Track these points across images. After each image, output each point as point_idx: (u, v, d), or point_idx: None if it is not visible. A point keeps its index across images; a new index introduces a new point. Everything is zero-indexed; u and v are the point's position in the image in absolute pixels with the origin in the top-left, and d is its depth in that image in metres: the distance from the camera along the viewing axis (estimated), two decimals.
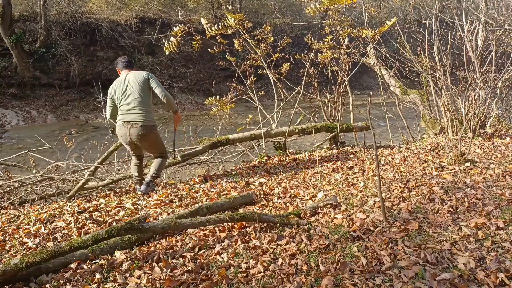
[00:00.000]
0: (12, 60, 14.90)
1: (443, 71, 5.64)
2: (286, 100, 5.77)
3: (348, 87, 5.78)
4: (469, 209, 2.70)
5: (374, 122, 9.01)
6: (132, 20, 17.62)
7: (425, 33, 5.82)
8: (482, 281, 1.84)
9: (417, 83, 6.76)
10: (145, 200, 3.52)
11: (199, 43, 4.96)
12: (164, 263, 2.12)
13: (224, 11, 5.85)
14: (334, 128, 5.55)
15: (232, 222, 2.55)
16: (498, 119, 6.50)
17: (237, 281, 1.92)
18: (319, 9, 4.46)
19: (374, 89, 17.97)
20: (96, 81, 10.05)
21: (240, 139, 5.16)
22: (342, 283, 1.85)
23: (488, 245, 2.17)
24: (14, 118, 13.86)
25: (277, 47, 5.44)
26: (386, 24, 4.90)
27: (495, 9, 6.65)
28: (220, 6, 19.30)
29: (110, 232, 2.20)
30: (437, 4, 6.17)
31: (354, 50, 5.76)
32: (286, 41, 5.52)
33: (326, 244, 2.24)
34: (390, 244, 2.22)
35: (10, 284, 1.97)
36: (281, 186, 3.60)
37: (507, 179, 3.35)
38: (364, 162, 4.35)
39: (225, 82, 15.13)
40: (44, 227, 2.97)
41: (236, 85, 5.87)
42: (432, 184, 3.25)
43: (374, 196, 3.01)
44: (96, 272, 2.07)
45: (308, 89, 5.89)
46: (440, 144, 5.06)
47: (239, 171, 4.50)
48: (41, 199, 4.28)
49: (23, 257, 1.99)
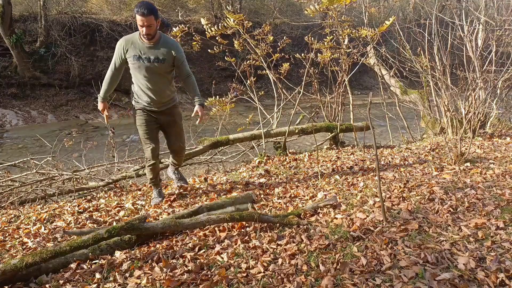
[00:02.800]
0: (12, 60, 14.90)
1: (443, 71, 5.64)
2: (286, 100, 5.77)
3: (348, 87, 5.78)
4: (469, 209, 2.70)
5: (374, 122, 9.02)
6: (132, 20, 17.58)
7: (425, 33, 5.82)
8: (482, 281, 1.84)
9: (417, 83, 6.76)
10: (145, 200, 3.52)
11: (199, 43, 4.96)
12: (164, 263, 2.12)
13: (224, 11, 5.85)
14: (334, 128, 5.55)
15: (232, 222, 2.55)
16: (498, 119, 6.50)
17: (237, 281, 1.92)
18: (319, 9, 4.47)
19: (374, 89, 17.96)
20: (96, 81, 10.03)
21: (240, 139, 5.16)
22: (342, 283, 1.85)
23: (488, 245, 2.17)
24: (14, 118, 13.86)
25: (277, 47, 5.44)
26: (385, 24, 4.90)
27: (495, 9, 6.65)
28: (220, 6, 19.30)
29: (110, 232, 2.20)
30: (437, 4, 6.17)
31: (354, 50, 5.76)
32: (286, 41, 5.52)
33: (326, 244, 2.24)
34: (390, 244, 2.22)
35: (10, 283, 1.97)
36: (281, 186, 3.60)
37: (507, 179, 3.35)
38: (364, 162, 4.35)
39: (225, 82, 15.12)
40: (44, 227, 2.97)
41: (236, 85, 5.87)
42: (432, 184, 3.25)
43: (374, 196, 3.01)
44: (96, 272, 2.07)
45: (308, 89, 5.89)
46: (440, 144, 5.05)
47: (239, 171, 4.50)
48: (41, 199, 4.28)
49: (23, 257, 1.99)
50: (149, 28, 2.87)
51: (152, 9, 2.87)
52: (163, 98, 3.17)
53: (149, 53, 2.97)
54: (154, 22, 2.87)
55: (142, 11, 2.82)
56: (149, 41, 2.94)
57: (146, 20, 2.83)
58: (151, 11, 2.85)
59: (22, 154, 8.55)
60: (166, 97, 3.20)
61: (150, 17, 2.83)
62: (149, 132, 3.19)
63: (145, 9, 2.82)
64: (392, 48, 7.32)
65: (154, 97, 3.11)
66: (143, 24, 2.85)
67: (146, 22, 2.83)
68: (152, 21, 2.85)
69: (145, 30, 2.88)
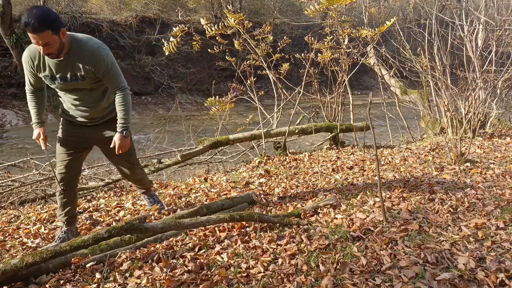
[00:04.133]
0: (12, 60, 14.90)
1: (443, 71, 5.64)
2: (286, 100, 5.77)
3: (348, 87, 5.78)
4: (469, 209, 2.70)
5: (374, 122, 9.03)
6: (132, 20, 17.61)
7: (425, 33, 5.83)
8: (482, 281, 1.84)
9: (417, 83, 6.76)
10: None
11: (199, 43, 4.96)
12: (164, 263, 2.12)
13: (224, 11, 5.85)
14: (334, 128, 5.55)
15: (232, 222, 2.55)
16: (498, 119, 6.50)
17: (237, 281, 1.92)
18: (319, 9, 4.46)
19: (374, 89, 17.95)
20: None
21: (240, 139, 5.16)
22: (342, 283, 1.85)
23: (488, 245, 2.17)
24: (14, 118, 13.86)
25: (277, 47, 5.44)
26: (386, 24, 4.90)
27: (495, 9, 6.65)
28: (220, 6, 19.29)
29: (110, 232, 2.20)
30: (437, 4, 6.17)
31: (354, 50, 5.76)
32: (286, 41, 5.52)
33: (326, 244, 2.24)
34: (390, 244, 2.22)
35: (10, 283, 1.97)
36: (281, 186, 3.60)
37: (507, 179, 3.35)
38: (364, 162, 4.35)
39: (225, 82, 15.13)
40: (44, 227, 2.98)
41: (236, 85, 5.87)
42: (432, 184, 3.26)
43: (374, 196, 3.01)
44: (96, 272, 2.08)
45: (308, 89, 5.89)
46: (440, 144, 5.05)
47: (239, 171, 4.50)
48: (41, 199, 4.28)
49: (23, 257, 1.99)
50: (48, 47, 2.06)
51: (45, 20, 1.98)
52: (96, 114, 2.49)
53: (62, 71, 2.24)
54: (53, 37, 2.03)
55: (31, 25, 1.95)
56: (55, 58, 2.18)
57: (39, 37, 2.00)
58: (45, 23, 1.98)
59: (22, 154, 8.53)
60: (101, 111, 2.51)
61: (45, 32, 1.99)
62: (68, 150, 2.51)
63: (36, 21, 1.95)
64: (392, 48, 7.32)
65: (84, 113, 2.46)
66: (37, 43, 2.04)
67: (41, 40, 2.01)
68: (49, 38, 2.02)
69: (43, 51, 2.07)
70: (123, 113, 2.40)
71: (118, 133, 2.41)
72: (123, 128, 2.41)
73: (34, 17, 1.95)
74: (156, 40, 17.01)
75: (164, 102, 16.59)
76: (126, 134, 2.43)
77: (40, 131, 2.44)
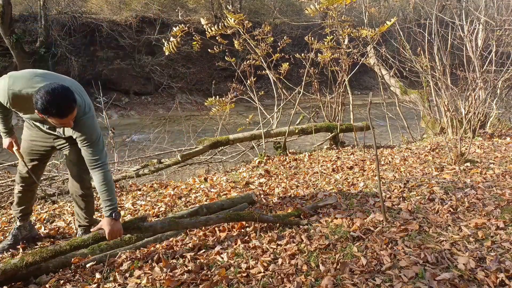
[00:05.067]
0: (12, 60, 14.89)
1: (443, 71, 5.64)
2: (286, 100, 5.77)
3: (348, 87, 5.78)
4: (469, 209, 2.71)
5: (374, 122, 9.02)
6: (132, 20, 17.61)
7: (425, 33, 5.82)
8: (482, 281, 1.84)
9: (417, 83, 6.76)
10: (145, 200, 3.52)
11: (199, 43, 4.95)
12: (164, 263, 2.12)
13: (224, 11, 5.85)
14: (334, 128, 5.55)
15: (232, 222, 2.55)
16: (498, 119, 6.50)
17: (237, 281, 1.92)
18: (319, 9, 4.46)
19: (374, 89, 17.96)
20: (96, 81, 10.05)
21: (240, 139, 5.15)
22: (342, 283, 1.85)
23: (488, 245, 2.17)
24: (14, 118, 13.85)
25: (277, 47, 5.44)
26: (386, 24, 4.90)
27: (495, 9, 6.65)
28: (220, 6, 19.29)
29: None
30: (437, 4, 6.17)
31: (354, 50, 5.76)
32: (286, 41, 5.52)
33: (326, 244, 2.24)
34: (390, 244, 2.22)
35: (10, 283, 1.97)
36: (281, 186, 3.60)
37: (507, 179, 3.35)
38: (364, 162, 4.35)
39: (225, 82, 15.12)
40: (44, 227, 2.98)
41: (236, 85, 5.87)
42: (432, 184, 3.26)
43: (374, 196, 3.01)
44: (96, 272, 2.08)
45: (308, 89, 5.89)
46: (440, 144, 5.05)
47: (239, 171, 4.50)
48: (41, 199, 4.28)
49: (23, 257, 1.99)
50: (69, 124, 1.95)
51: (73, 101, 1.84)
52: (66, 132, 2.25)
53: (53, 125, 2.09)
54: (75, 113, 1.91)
55: (60, 111, 1.81)
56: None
57: (66, 121, 1.88)
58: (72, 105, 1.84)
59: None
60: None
61: (73, 114, 1.87)
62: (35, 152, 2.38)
63: (65, 107, 1.81)
64: (392, 48, 7.32)
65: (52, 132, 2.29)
66: (59, 124, 1.94)
67: (67, 123, 1.91)
68: (74, 115, 1.90)
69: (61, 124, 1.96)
70: (108, 193, 2.06)
71: (106, 217, 2.05)
72: (111, 210, 2.06)
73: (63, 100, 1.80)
74: (156, 40, 17.01)
75: (164, 102, 16.60)
76: (116, 217, 2.07)
77: (11, 140, 2.37)
